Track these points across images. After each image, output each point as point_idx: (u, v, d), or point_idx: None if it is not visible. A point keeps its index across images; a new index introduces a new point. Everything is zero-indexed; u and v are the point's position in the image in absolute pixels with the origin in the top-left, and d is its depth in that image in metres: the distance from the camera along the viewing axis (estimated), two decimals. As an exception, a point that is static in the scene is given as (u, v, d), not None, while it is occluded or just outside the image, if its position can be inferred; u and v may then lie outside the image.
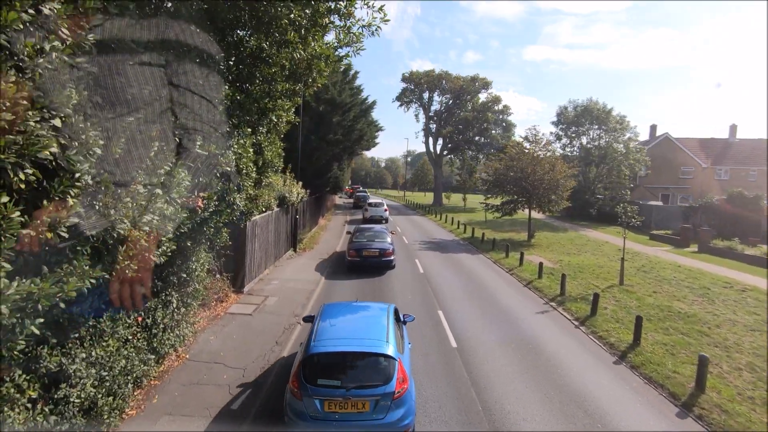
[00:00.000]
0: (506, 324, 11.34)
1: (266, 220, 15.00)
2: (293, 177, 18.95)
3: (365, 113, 26.57)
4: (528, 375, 8.48)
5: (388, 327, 6.60)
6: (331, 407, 5.65)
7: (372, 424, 5.63)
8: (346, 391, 5.69)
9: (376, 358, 5.97)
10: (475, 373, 8.42)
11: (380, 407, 5.66)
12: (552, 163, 25.12)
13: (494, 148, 50.94)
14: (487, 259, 20.37)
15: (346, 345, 6.21)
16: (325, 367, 5.93)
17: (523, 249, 22.89)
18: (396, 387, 5.76)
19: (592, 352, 9.98)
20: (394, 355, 5.99)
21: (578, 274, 17.33)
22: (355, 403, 5.66)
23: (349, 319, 7.42)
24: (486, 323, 11.32)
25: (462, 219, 37.36)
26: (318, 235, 24.90)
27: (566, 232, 30.90)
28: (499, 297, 13.90)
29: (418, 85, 54.40)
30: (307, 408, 5.65)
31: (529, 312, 12.59)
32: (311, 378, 5.79)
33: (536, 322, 11.72)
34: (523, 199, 25.51)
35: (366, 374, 5.90)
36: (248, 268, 13.22)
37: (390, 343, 6.19)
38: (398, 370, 5.88)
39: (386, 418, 5.65)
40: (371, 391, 5.71)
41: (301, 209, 21.48)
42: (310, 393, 5.67)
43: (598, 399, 7.71)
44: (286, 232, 18.42)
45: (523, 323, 11.48)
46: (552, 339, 10.46)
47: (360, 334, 6.59)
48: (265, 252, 15.19)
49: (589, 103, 39.91)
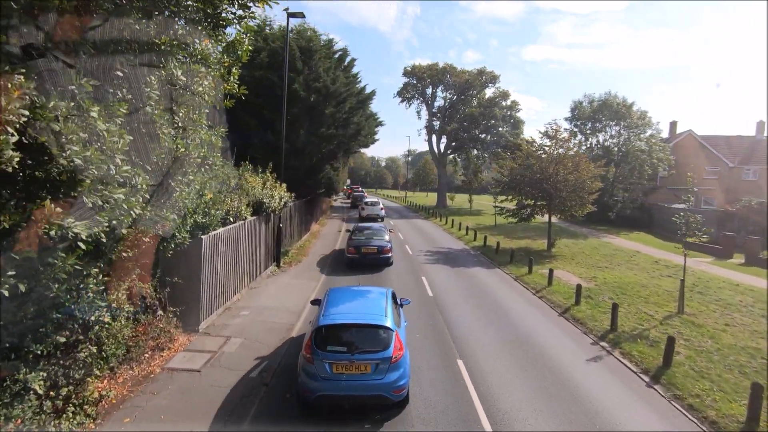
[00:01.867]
0: (553, 382, 8.18)
1: (235, 234, 11.85)
2: (275, 178, 15.81)
3: (363, 105, 23.36)
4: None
5: (387, 305, 7.61)
6: (339, 369, 6.55)
7: (373, 384, 6.52)
8: (351, 355, 6.61)
9: (376, 329, 6.91)
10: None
11: (380, 369, 6.57)
12: (576, 162, 21.97)
13: (500, 146, 47.75)
14: (506, 276, 17.22)
15: (350, 318, 7.16)
16: (333, 336, 6.84)
17: (545, 261, 19.78)
18: (393, 353, 6.66)
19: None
20: (392, 327, 6.92)
21: (621, 297, 14.17)
22: (359, 366, 6.57)
23: (352, 299, 8.32)
24: (524, 381, 8.17)
25: (470, 223, 34.25)
26: (309, 245, 21.75)
27: (587, 239, 27.75)
28: (533, 335, 10.74)
29: (421, 80, 51.18)
30: (318, 370, 6.53)
31: (577, 359, 9.45)
32: (321, 345, 6.70)
33: (592, 377, 8.56)
34: (542, 202, 22.35)
35: (368, 342, 6.79)
36: (206, 298, 10.08)
37: (388, 317, 7.15)
38: (395, 339, 6.80)
39: (385, 379, 6.54)
40: (372, 356, 6.61)
41: (286, 215, 18.34)
42: (321, 357, 6.57)
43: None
44: (267, 244, 15.29)
45: (575, 380, 8.33)
46: (622, 410, 7.32)
47: (362, 310, 7.60)
48: (235, 273, 12.05)
49: (607, 97, 36.71)
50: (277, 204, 14.97)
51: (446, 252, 21.92)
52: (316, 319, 7.23)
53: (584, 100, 38.56)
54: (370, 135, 25.95)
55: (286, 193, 16.01)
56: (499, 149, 49.35)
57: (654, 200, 37.02)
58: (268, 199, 14.23)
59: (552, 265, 19.19)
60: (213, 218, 10.28)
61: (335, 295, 8.25)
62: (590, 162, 22.44)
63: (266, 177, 15.42)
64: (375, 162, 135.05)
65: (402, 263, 18.32)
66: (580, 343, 10.41)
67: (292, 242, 19.87)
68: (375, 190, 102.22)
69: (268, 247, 15.55)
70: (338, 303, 7.82)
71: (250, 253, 13.32)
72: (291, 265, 17.08)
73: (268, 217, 15.12)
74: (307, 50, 20.92)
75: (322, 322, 6.96)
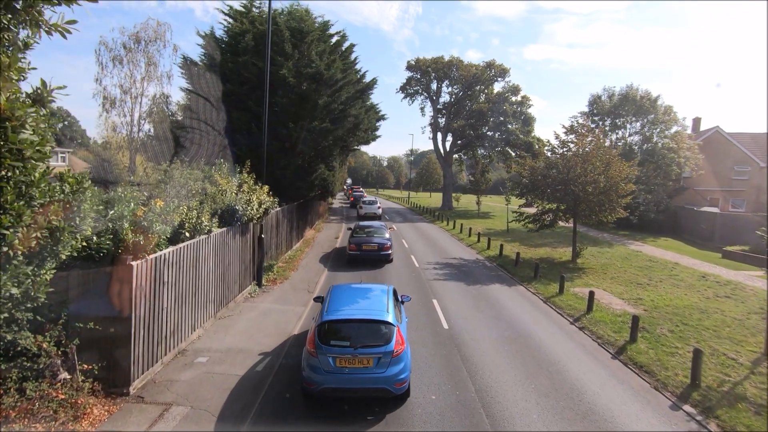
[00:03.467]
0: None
1: (192, 252, 9.08)
2: (255, 180, 13.06)
3: (362, 95, 20.48)
4: None
5: (388, 302, 7.79)
6: (342, 363, 6.72)
7: (375, 377, 6.70)
8: (354, 349, 6.78)
9: (378, 324, 7.13)
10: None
11: (381, 363, 6.76)
12: (606, 161, 19.13)
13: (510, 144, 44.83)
14: (532, 296, 14.41)
15: (353, 314, 7.35)
16: (336, 331, 7.05)
17: (573, 275, 16.97)
18: (395, 347, 6.87)
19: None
20: (393, 322, 7.13)
21: (683, 329, 11.36)
22: (361, 360, 6.75)
23: (354, 295, 8.36)
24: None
25: (479, 227, 31.46)
26: (300, 256, 18.96)
27: (613, 247, 24.88)
28: (585, 392, 7.93)
29: (425, 74, 48.25)
30: (322, 364, 6.70)
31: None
32: (325, 340, 6.88)
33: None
34: (567, 206, 19.51)
35: (370, 337, 6.98)
36: (141, 346, 7.31)
37: (390, 313, 7.35)
38: (396, 334, 7.02)
39: (386, 372, 6.72)
40: (374, 350, 6.81)
41: (271, 223, 15.56)
42: (324, 351, 6.75)
43: None
44: (244, 260, 12.53)
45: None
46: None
47: (364, 306, 7.81)
48: (193, 304, 9.28)
49: (628, 90, 33.82)
50: (255, 211, 12.20)
51: (458, 264, 19.11)
52: (320, 315, 7.43)
53: (603, 93, 35.71)
54: (370, 130, 23.07)
55: (268, 197, 13.23)
56: (508, 148, 46.53)
57: (678, 203, 34.12)
58: (243, 205, 11.45)
59: (582, 281, 16.40)
60: (154, 236, 7.51)
61: (338, 291, 8.42)
62: (622, 161, 19.58)
63: (243, 178, 12.66)
64: (376, 161, 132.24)
65: (408, 279, 15.53)
66: (657, 407, 7.58)
67: (279, 254, 17.10)
68: (376, 191, 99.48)
69: (246, 264, 12.79)
70: (341, 299, 7.97)
71: (218, 274, 10.55)
72: (276, 284, 14.30)
73: (245, 227, 12.35)
74: (298, 32, 18.15)
75: (325, 318, 7.16)
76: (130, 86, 25.81)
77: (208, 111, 18.88)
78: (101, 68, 25.21)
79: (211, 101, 18.83)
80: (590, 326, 11.41)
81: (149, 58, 26.27)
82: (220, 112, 18.57)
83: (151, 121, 27.28)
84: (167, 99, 26.46)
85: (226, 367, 8.20)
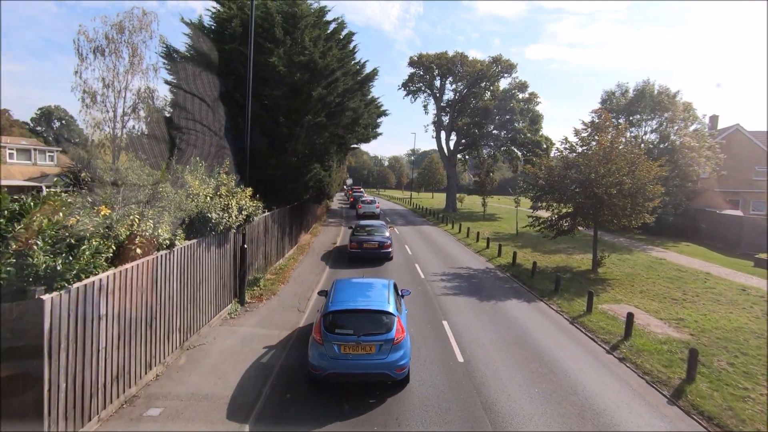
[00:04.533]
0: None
1: (144, 275, 7.23)
2: (237, 181, 11.23)
3: (362, 87, 18.55)
4: None
5: (389, 294, 8.35)
6: (346, 350, 7.26)
7: (377, 363, 7.22)
8: (357, 337, 7.30)
9: (380, 314, 7.64)
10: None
11: (383, 350, 7.28)
12: (632, 160, 17.26)
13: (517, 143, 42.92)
14: (556, 315, 12.56)
15: (356, 305, 7.82)
16: (340, 320, 7.54)
17: (597, 288, 15.12)
18: (395, 335, 7.38)
19: None
20: (394, 313, 7.66)
21: (743, 360, 9.50)
22: (364, 347, 7.27)
23: (357, 288, 8.79)
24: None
25: (486, 231, 29.62)
26: (292, 265, 17.11)
27: (632, 254, 23.01)
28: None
29: (428, 70, 46.33)
30: (328, 351, 7.24)
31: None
32: (330, 328, 7.41)
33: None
34: (589, 211, 17.64)
35: (372, 326, 7.50)
36: (64, 404, 5.47)
37: (390, 304, 7.89)
38: (397, 323, 7.53)
39: (387, 358, 7.24)
40: (376, 337, 7.33)
41: (258, 230, 13.73)
42: (330, 339, 7.28)
43: None
44: (222, 275, 10.69)
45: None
46: None
47: (366, 298, 8.23)
48: (149, 337, 7.44)
49: (644, 85, 31.93)
50: (234, 219, 10.35)
51: (467, 275, 17.25)
52: (325, 306, 7.96)
53: (617, 90, 33.83)
54: (371, 126, 21.17)
55: (251, 202, 11.39)
56: (514, 147, 44.63)
57: (696, 205, 32.21)
58: (218, 212, 9.61)
59: (609, 295, 14.55)
60: (83, 257, 5.68)
61: (341, 285, 8.82)
62: (649, 160, 17.70)
63: (222, 180, 10.83)
64: (377, 161, 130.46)
65: (414, 293, 13.69)
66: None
67: (268, 264, 15.26)
68: (377, 191, 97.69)
69: (225, 280, 10.96)
70: (344, 292, 8.39)
71: (185, 296, 8.72)
72: (261, 300, 12.46)
73: (223, 237, 10.52)
74: (290, 16, 16.30)
75: (330, 308, 7.68)
76: (112, 79, 23.92)
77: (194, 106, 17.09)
78: (81, 60, 23.30)
79: (197, 95, 17.04)
80: (632, 357, 9.56)
81: (133, 49, 24.31)
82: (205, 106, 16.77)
83: (136, 117, 25.41)
84: (152, 93, 24.58)
85: (182, 424, 6.36)
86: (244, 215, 10.84)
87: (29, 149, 42.64)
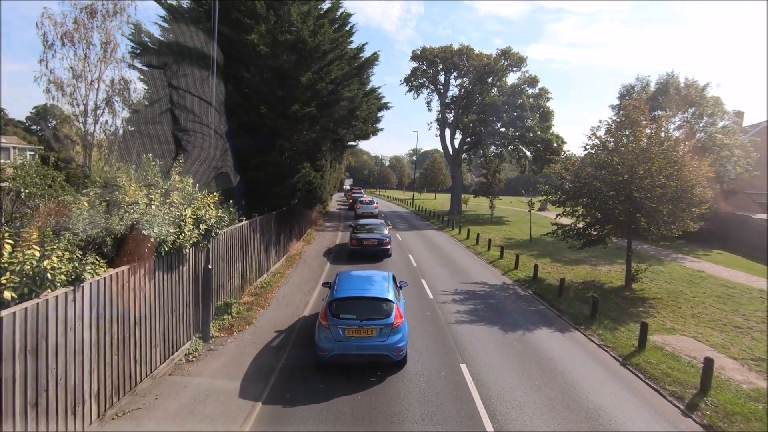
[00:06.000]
0: None
1: (15, 333, 4.74)
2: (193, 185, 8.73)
3: (359, 73, 15.89)
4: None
5: (389, 284, 9.10)
6: (350, 333, 7.98)
7: (377, 344, 7.95)
8: (359, 322, 8.04)
9: (380, 301, 8.39)
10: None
11: (383, 333, 8.02)
12: (673, 159, 14.74)
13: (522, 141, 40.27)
14: (600, 351, 10.04)
15: (359, 293, 8.61)
16: (344, 307, 8.28)
17: (638, 310, 12.66)
18: (394, 320, 8.12)
19: None
20: (393, 300, 8.43)
21: None
22: (366, 330, 8.00)
23: (359, 279, 9.50)
24: None
25: (496, 237, 27.14)
26: (277, 281, 14.60)
27: (663, 264, 20.49)
28: None
29: (432, 64, 43.77)
30: (333, 334, 7.98)
31: None
32: (335, 314, 8.15)
33: None
34: (623, 217, 15.12)
35: (373, 311, 8.24)
36: None
37: (390, 292, 8.64)
38: (395, 310, 8.28)
39: (387, 341, 7.98)
40: (377, 322, 8.07)
41: (230, 246, 11.21)
42: (335, 323, 8.02)
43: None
44: (177, 306, 8.20)
45: None
46: None
47: (368, 287, 8.92)
48: (35, 415, 4.95)
49: (668, 78, 29.38)
50: (188, 234, 7.85)
51: (483, 293, 14.73)
52: (330, 295, 8.75)
53: (637, 83, 31.28)
54: (370, 121, 18.58)
55: (215, 211, 8.89)
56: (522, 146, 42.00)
57: (730, 208, 29.62)
58: (164, 227, 7.11)
59: (657, 321, 12.07)
60: None
61: (345, 276, 9.60)
62: (696, 159, 15.18)
63: (176, 183, 8.34)
64: (378, 161, 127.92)
65: (422, 320, 11.16)
66: None
67: (247, 283, 12.77)
68: (378, 192, 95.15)
69: (181, 312, 8.47)
70: (348, 282, 9.17)
71: (105, 346, 6.24)
72: (232, 333, 9.96)
73: (176, 257, 8.02)
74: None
75: (335, 296, 8.45)
76: (83, 69, 21.47)
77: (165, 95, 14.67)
78: (46, 47, 20.86)
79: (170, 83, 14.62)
80: (721, 423, 7.05)
81: (107, 35, 21.93)
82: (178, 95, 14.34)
83: (111, 111, 22.97)
84: (127, 85, 22.14)
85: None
86: (203, 229, 8.33)
87: (8, 147, 40.30)
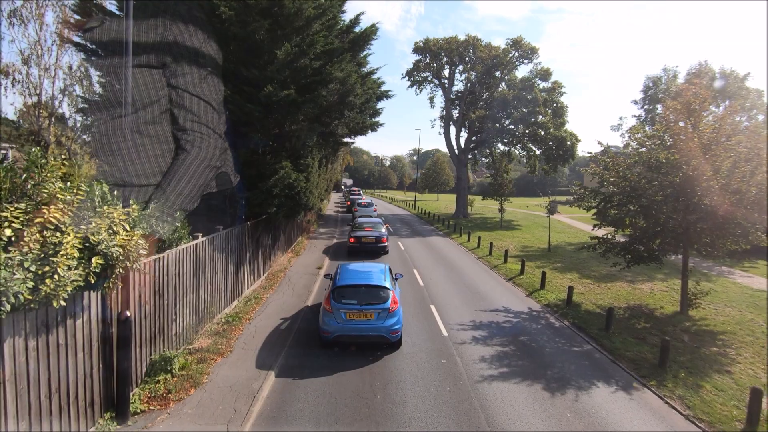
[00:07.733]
0: None
1: None
2: (106, 192, 5.75)
3: (353, 50, 12.73)
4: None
5: (385, 274, 10.36)
6: (351, 316, 9.14)
7: (375, 326, 9.11)
8: (360, 306, 9.23)
9: (378, 288, 9.59)
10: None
11: (380, 317, 9.17)
12: (746, 156, 11.81)
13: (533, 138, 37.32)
14: (688, 427, 7.07)
15: (359, 281, 9.79)
16: (346, 293, 9.47)
17: (710, 352, 9.64)
18: (390, 305, 9.30)
19: None
20: (390, 287, 9.68)
21: None
22: (365, 314, 9.17)
23: (358, 269, 10.73)
24: None
25: (511, 245, 24.19)
26: (251, 310, 11.58)
27: (712, 281, 17.52)
28: None
29: (436, 57, 40.75)
30: (336, 317, 9.14)
31: None
32: (338, 299, 9.35)
33: None
34: (681, 230, 12.17)
35: (372, 297, 9.44)
36: None
37: (387, 281, 9.90)
38: (391, 296, 9.48)
39: (384, 323, 9.13)
40: (375, 306, 9.26)
41: (171, 277, 8.21)
42: (338, 308, 9.19)
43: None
44: (59, 386, 5.23)
45: None
46: None
47: (367, 276, 10.12)
48: None
49: (699, 68, 26.38)
50: (62, 277, 4.84)
51: (509, 325, 11.73)
52: (333, 283, 9.98)
53: (664, 75, 28.29)
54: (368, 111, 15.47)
55: (126, 233, 5.90)
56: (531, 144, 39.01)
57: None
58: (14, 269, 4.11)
59: (742, 370, 9.06)
60: None
61: (345, 267, 10.80)
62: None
63: (49, 189, 5.33)
64: (379, 161, 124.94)
65: (432, 380, 8.19)
66: None
67: (205, 320, 9.77)
68: (378, 192, 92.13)
69: (75, 389, 5.50)
70: (349, 272, 10.36)
71: None
72: (167, 405, 6.95)
73: (53, 312, 5.04)
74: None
75: (338, 284, 9.63)
76: (31, 52, 18.53)
77: (118, 79, 11.78)
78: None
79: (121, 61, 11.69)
80: None
81: (65, 15, 19.00)
82: (126, 79, 11.40)
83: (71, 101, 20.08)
84: (87, 71, 19.21)
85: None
86: (98, 263, 5.32)
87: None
